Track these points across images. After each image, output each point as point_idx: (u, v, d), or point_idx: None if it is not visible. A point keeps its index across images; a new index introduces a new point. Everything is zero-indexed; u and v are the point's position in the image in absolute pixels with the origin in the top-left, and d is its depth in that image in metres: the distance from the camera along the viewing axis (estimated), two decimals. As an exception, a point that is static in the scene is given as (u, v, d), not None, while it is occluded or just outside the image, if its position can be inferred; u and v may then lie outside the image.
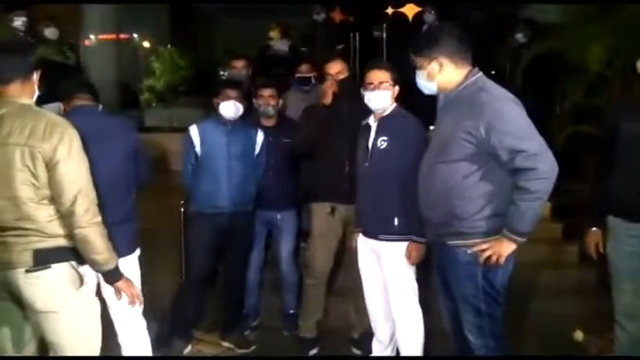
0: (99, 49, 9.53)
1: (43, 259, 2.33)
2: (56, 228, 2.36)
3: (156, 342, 3.31)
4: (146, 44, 11.76)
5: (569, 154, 5.44)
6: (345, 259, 4.00)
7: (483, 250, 2.57)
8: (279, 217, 4.14)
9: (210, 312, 4.17)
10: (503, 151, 2.48)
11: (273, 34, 7.27)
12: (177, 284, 4.11)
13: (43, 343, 2.57)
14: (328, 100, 3.66)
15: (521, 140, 2.48)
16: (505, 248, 2.55)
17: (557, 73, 5.60)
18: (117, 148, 2.97)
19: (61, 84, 3.09)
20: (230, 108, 3.84)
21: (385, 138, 3.26)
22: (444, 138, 2.66)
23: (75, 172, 2.35)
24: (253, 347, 4.06)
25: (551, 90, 5.97)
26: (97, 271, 2.53)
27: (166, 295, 3.98)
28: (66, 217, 2.35)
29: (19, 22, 5.58)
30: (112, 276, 2.54)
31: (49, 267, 2.34)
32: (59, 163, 2.31)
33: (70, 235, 2.38)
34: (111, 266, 2.50)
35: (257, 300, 4.34)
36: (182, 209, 4.28)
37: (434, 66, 2.66)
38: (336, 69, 3.77)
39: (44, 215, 2.34)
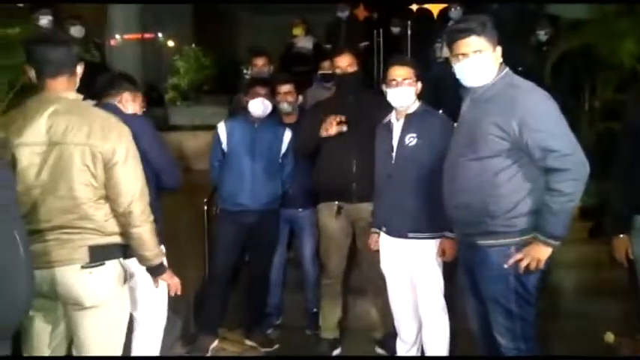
0: (124, 49, 9.59)
1: (98, 255, 2.33)
2: (112, 226, 2.37)
3: (182, 339, 3.31)
4: (170, 43, 11.82)
5: (599, 151, 5.35)
6: (358, 257, 3.95)
7: (520, 260, 2.51)
8: (300, 214, 4.10)
9: (234, 310, 4.15)
10: (536, 149, 2.43)
11: (297, 31, 7.25)
12: (200, 282, 4.11)
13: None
14: (330, 133, 3.56)
15: (554, 139, 2.41)
16: (542, 253, 2.48)
17: (586, 69, 5.49)
18: None
19: (97, 81, 3.09)
20: (259, 105, 3.82)
21: (414, 135, 3.20)
22: (472, 135, 2.59)
23: (132, 173, 2.35)
24: (276, 346, 4.05)
25: (580, 86, 5.86)
26: (144, 265, 2.55)
27: (190, 293, 3.97)
28: (122, 217, 2.35)
29: (44, 20, 5.63)
30: (159, 270, 2.58)
31: (103, 264, 2.35)
32: (117, 165, 2.30)
33: (123, 233, 2.39)
34: (158, 261, 2.54)
35: (279, 298, 4.32)
36: (205, 207, 4.27)
37: (498, 49, 2.57)
38: (346, 62, 3.71)
39: (101, 214, 2.33)
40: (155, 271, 2.59)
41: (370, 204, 3.52)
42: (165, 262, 2.63)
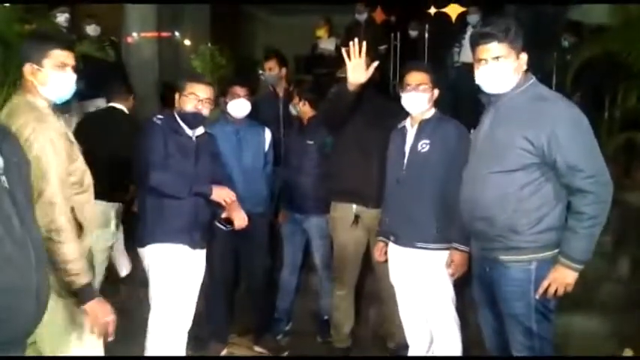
0: (141, 47, 9.59)
1: None
2: None
3: (193, 344, 3.28)
4: (187, 42, 11.82)
5: (620, 161, 5.25)
6: (372, 264, 3.87)
7: (547, 288, 2.45)
8: (310, 220, 4.03)
9: (244, 315, 4.11)
10: (563, 165, 2.37)
11: (320, 32, 7.20)
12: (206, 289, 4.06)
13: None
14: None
15: (581, 157, 2.36)
16: (568, 277, 2.42)
17: (608, 77, 5.38)
18: None
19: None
20: (239, 106, 3.76)
21: (427, 142, 3.13)
22: (498, 146, 2.51)
23: None
24: (286, 353, 3.99)
25: (601, 95, 5.75)
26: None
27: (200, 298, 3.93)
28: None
29: (61, 18, 5.66)
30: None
31: None
32: None
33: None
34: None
35: (290, 304, 4.25)
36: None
37: (523, 57, 2.50)
38: None
39: None
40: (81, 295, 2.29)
41: None
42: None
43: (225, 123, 3.85)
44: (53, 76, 2.33)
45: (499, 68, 2.47)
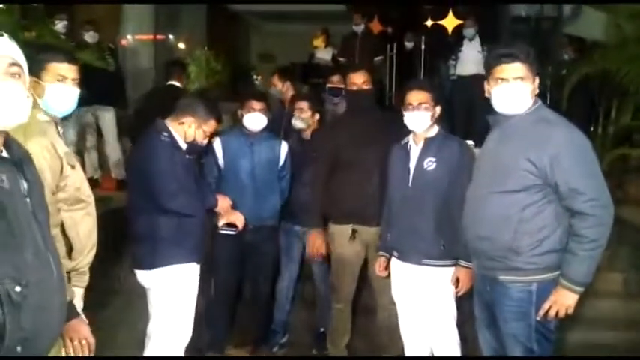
0: (137, 50, 9.57)
1: None
2: None
3: (189, 353, 3.28)
4: (182, 46, 11.81)
5: (613, 176, 5.30)
6: (368, 277, 3.86)
7: (547, 310, 2.47)
8: (309, 233, 4.03)
9: (241, 327, 4.11)
10: (564, 188, 2.40)
11: (317, 42, 7.24)
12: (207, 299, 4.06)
13: None
14: None
15: (583, 181, 2.39)
16: (569, 299, 2.45)
17: (603, 93, 5.46)
18: None
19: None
20: (254, 120, 3.78)
21: (433, 159, 3.15)
22: (501, 167, 2.55)
23: None
24: (282, 365, 4.00)
25: (595, 111, 5.81)
26: None
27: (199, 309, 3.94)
28: None
29: (60, 25, 5.63)
30: None
31: None
32: None
33: None
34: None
35: (287, 316, 4.26)
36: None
37: (536, 81, 2.53)
38: (361, 79, 3.65)
39: None
40: None
41: None
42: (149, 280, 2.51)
43: (240, 134, 3.87)
44: (52, 90, 2.30)
45: (519, 89, 2.50)
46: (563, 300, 2.45)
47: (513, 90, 2.50)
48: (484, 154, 2.74)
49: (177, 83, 5.43)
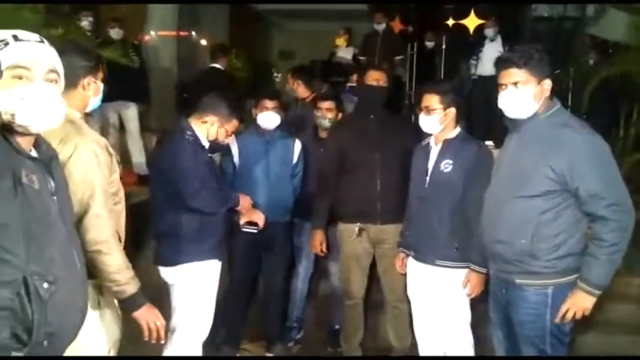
0: (160, 47, 9.65)
1: None
2: None
3: (205, 349, 3.33)
4: (204, 42, 11.89)
5: (634, 179, 5.24)
6: (378, 275, 3.88)
7: (566, 312, 2.48)
8: (327, 230, 4.07)
9: (257, 322, 4.16)
10: (584, 193, 2.40)
11: (339, 41, 7.27)
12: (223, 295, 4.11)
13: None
14: None
15: (603, 186, 2.38)
16: (587, 302, 2.46)
17: (625, 95, 5.40)
18: None
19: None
20: (268, 119, 3.83)
21: (450, 161, 3.16)
22: (520, 172, 2.54)
23: None
24: (296, 361, 4.04)
25: (616, 113, 5.76)
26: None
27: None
28: None
29: (85, 22, 5.72)
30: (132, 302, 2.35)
31: None
32: None
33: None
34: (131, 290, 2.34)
35: (302, 312, 4.30)
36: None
37: (546, 83, 2.52)
38: (379, 77, 3.70)
39: None
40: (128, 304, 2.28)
41: (394, 226, 3.52)
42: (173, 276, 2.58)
43: (255, 132, 3.92)
44: None
45: (517, 94, 2.51)
46: (581, 303, 2.45)
47: (510, 95, 2.52)
48: (503, 158, 2.74)
49: (219, 66, 6.13)
